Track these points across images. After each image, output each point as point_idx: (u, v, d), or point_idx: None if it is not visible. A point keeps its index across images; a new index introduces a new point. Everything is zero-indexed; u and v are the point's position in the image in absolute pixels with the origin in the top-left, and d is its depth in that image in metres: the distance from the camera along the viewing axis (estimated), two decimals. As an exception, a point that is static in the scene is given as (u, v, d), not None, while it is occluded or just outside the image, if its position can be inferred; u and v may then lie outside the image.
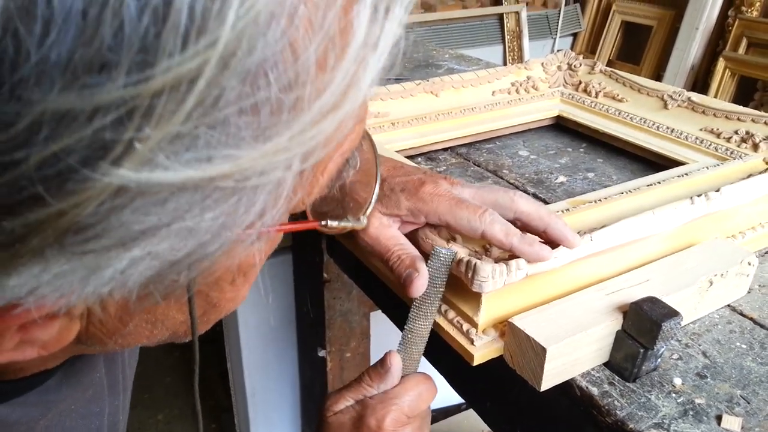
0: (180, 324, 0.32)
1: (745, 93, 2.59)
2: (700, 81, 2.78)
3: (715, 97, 2.55)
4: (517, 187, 0.75)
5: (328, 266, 0.91)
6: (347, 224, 0.37)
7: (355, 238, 0.52)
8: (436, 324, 0.50)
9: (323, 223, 0.34)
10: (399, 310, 0.58)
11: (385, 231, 0.50)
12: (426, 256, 0.49)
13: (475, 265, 0.44)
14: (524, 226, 0.49)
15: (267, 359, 1.15)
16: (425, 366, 0.65)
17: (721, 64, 2.59)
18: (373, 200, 0.40)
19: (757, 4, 2.58)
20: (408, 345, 0.50)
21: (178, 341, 0.36)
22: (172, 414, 1.83)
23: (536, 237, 0.48)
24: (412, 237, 0.52)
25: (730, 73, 2.58)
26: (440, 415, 1.45)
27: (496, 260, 0.47)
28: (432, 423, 0.55)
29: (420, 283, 0.47)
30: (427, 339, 0.50)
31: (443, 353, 0.51)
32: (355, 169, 0.36)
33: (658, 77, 2.93)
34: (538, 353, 0.44)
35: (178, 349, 2.04)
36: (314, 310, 0.99)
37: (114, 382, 0.47)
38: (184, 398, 1.87)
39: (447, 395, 0.63)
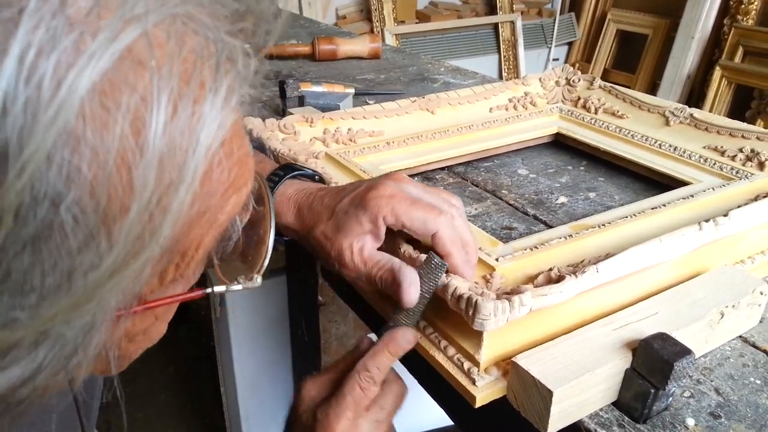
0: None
1: (742, 102, 2.59)
2: (696, 90, 2.78)
3: (712, 106, 2.54)
4: (516, 209, 0.73)
5: (323, 289, 0.88)
6: (237, 287, 0.35)
7: (341, 274, 0.51)
8: (435, 362, 0.48)
9: (208, 290, 0.32)
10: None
11: (360, 257, 0.49)
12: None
13: (476, 302, 0.42)
14: None
15: (261, 382, 1.12)
16: (422, 394, 0.63)
17: (717, 72, 2.59)
18: (267, 258, 0.37)
19: (753, 12, 2.58)
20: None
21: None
22: (166, 434, 1.79)
23: (474, 260, 0.49)
24: (392, 248, 0.50)
25: (726, 82, 2.58)
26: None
27: (498, 296, 0.44)
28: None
29: (407, 291, 0.46)
30: None
31: (443, 386, 0.49)
32: (238, 234, 0.32)
33: (654, 86, 2.93)
34: (543, 395, 0.42)
35: (172, 365, 2.01)
36: (309, 333, 0.96)
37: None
38: (178, 417, 1.84)
39: (444, 417, 0.60)
